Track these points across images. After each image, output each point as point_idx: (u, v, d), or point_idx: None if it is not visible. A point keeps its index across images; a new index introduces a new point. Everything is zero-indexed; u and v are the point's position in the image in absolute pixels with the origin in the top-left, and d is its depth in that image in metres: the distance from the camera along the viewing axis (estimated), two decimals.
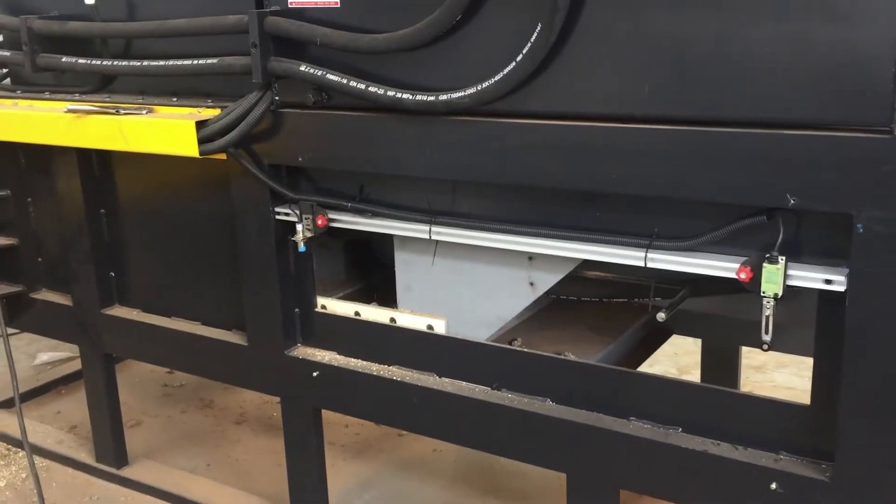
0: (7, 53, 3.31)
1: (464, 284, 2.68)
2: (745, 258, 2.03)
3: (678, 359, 4.61)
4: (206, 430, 4.10)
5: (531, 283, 2.62)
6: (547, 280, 2.59)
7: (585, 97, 2.12)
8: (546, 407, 2.45)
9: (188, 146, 2.71)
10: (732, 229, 2.04)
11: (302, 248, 2.73)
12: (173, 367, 3.40)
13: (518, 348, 2.62)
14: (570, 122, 2.14)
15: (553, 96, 2.16)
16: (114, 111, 2.88)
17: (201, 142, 2.69)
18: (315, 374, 2.84)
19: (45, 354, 5.11)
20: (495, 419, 2.51)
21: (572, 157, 2.14)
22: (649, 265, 2.15)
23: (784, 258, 1.97)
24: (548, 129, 2.16)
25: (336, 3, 2.44)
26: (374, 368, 2.76)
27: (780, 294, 1.98)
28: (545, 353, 2.54)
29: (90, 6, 3.08)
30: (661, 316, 2.58)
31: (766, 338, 2.04)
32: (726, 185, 1.96)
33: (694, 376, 4.30)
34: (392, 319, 2.75)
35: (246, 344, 3.01)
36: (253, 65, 2.53)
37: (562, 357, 2.52)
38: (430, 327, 2.70)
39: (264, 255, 2.83)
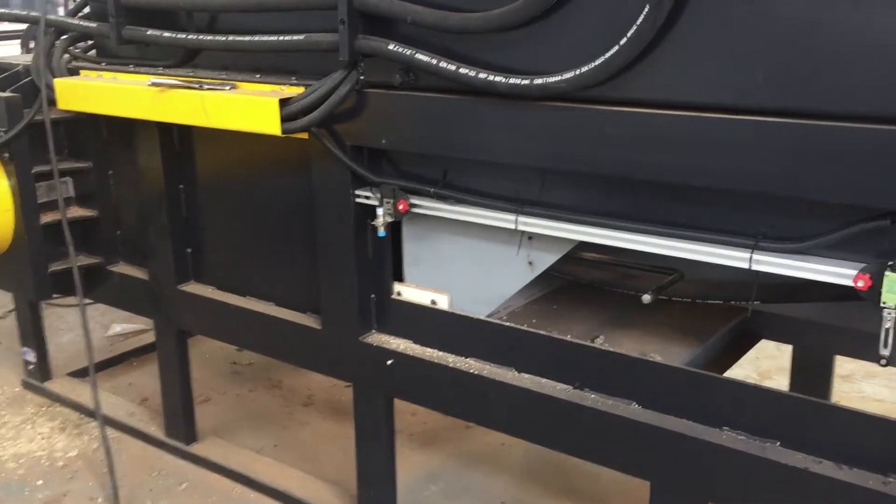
0: (93, 25, 3.31)
1: (466, 261, 2.69)
2: (864, 265, 1.87)
3: (759, 363, 4.42)
4: (274, 411, 4.08)
5: (530, 263, 2.59)
6: (545, 259, 2.57)
7: (691, 85, 1.98)
8: (632, 410, 2.33)
9: (271, 124, 2.65)
10: (850, 233, 1.89)
11: (382, 232, 2.66)
12: (245, 346, 3.38)
13: (603, 347, 2.50)
14: (675, 112, 2.00)
15: (656, 83, 2.03)
16: (197, 86, 2.84)
17: (284, 120, 2.63)
18: (389, 362, 2.77)
19: (118, 326, 5.18)
20: (576, 419, 2.40)
21: (675, 148, 2.01)
22: (755, 267, 2.01)
23: None
24: (649, 117, 2.03)
25: None
26: (451, 360, 2.67)
27: None
28: (632, 354, 2.42)
29: None
30: (646, 298, 2.55)
31: (885, 352, 1.88)
32: (847, 184, 1.80)
33: (776, 382, 4.12)
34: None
35: (320, 328, 2.95)
36: (340, 42, 2.45)
37: (649, 359, 2.39)
38: (433, 302, 2.73)
39: (343, 239, 2.76)
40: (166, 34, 3.02)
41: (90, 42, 3.62)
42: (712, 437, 2.19)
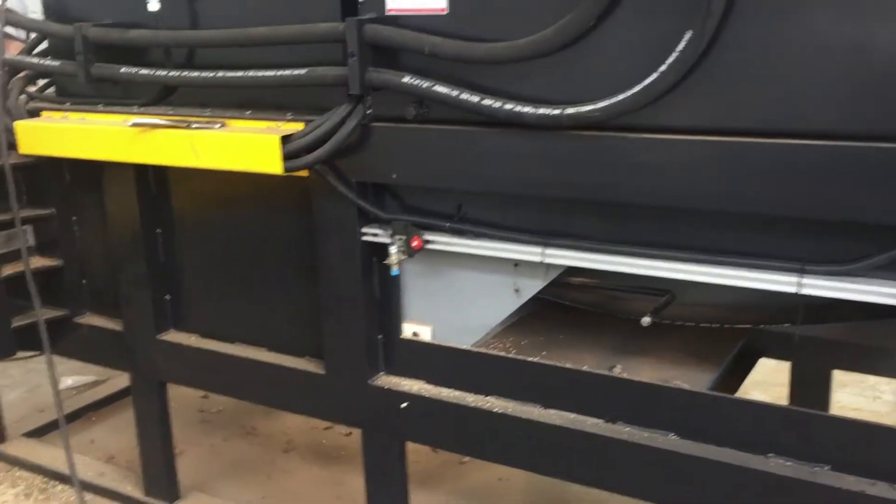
0: (56, 63, 3.11)
1: (451, 291, 2.63)
2: None
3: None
4: (254, 460, 3.89)
5: (516, 290, 2.54)
6: (532, 286, 2.53)
7: (734, 110, 1.96)
8: (671, 442, 2.28)
9: (271, 163, 2.53)
10: None
11: (395, 271, 2.56)
12: (237, 396, 3.19)
13: (628, 377, 2.45)
14: (716, 138, 1.98)
15: (695, 109, 2.00)
16: (184, 125, 2.70)
17: (286, 158, 2.51)
18: (404, 405, 2.65)
19: (69, 378, 4.87)
20: (612, 454, 2.34)
21: (718, 174, 1.98)
22: (804, 292, 1.99)
23: None
24: (690, 144, 2.00)
25: (442, 9, 2.27)
26: (470, 399, 2.58)
27: None
28: (662, 384, 2.38)
29: (151, 13, 2.89)
30: (645, 320, 2.53)
31: None
32: None
33: (755, 397, 4.15)
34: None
35: (323, 372, 2.82)
36: (350, 76, 2.36)
37: (682, 388, 2.36)
38: (415, 334, 2.69)
39: (349, 279, 2.65)
40: (143, 71, 2.86)
41: (45, 81, 3.42)
42: (759, 464, 2.16)
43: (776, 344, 3.00)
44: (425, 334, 2.69)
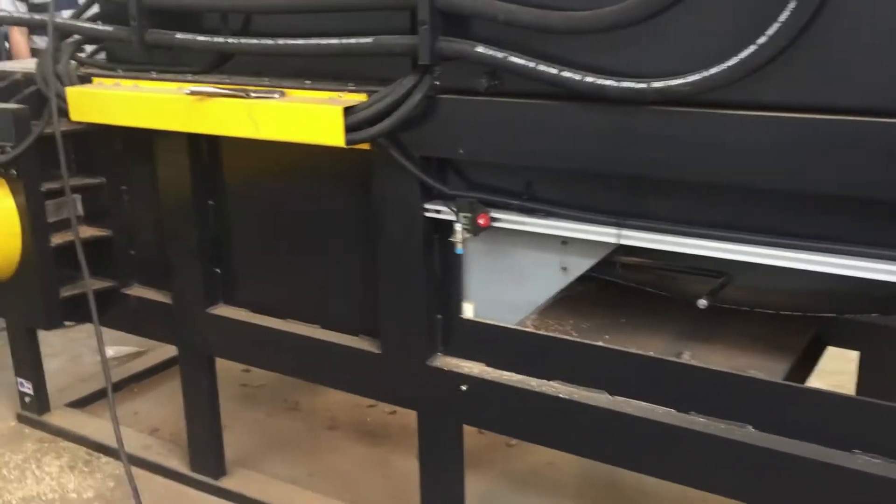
0: (109, 28, 3.04)
1: (494, 268, 2.55)
2: None
3: None
4: (299, 436, 3.84)
5: (563, 268, 2.46)
6: (580, 264, 2.44)
7: (839, 86, 1.84)
8: (749, 434, 2.18)
9: (333, 135, 2.44)
10: None
11: (460, 249, 2.46)
12: (289, 373, 3.13)
13: (704, 366, 2.35)
14: (819, 116, 1.86)
15: (793, 84, 1.88)
16: (243, 94, 2.61)
17: (348, 130, 2.42)
18: (464, 387, 2.57)
19: (110, 349, 4.83)
20: (686, 446, 2.25)
21: (819, 155, 1.86)
22: None
23: None
24: (787, 123, 1.88)
25: None
26: (534, 383, 2.49)
27: None
28: (740, 373, 2.28)
29: None
30: (702, 303, 2.41)
31: None
32: None
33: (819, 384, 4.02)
34: None
35: (379, 352, 2.74)
36: (420, 45, 2.25)
37: (762, 378, 2.25)
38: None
39: (410, 256, 2.56)
40: (200, 38, 2.77)
41: (94, 47, 3.35)
42: (844, 461, 2.05)
43: (844, 332, 2.89)
44: (468, 311, 2.61)
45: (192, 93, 2.67)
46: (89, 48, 3.35)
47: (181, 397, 3.40)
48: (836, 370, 3.32)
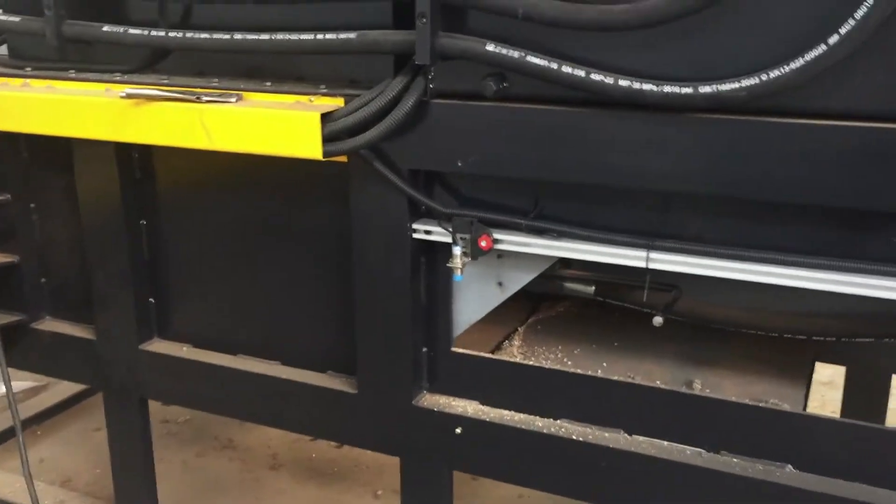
0: (14, 19, 2.57)
1: None
2: None
3: None
4: (237, 478, 3.45)
5: (499, 283, 2.27)
6: (517, 279, 2.25)
7: None
8: (791, 476, 1.97)
9: (307, 146, 2.10)
10: None
11: (459, 276, 2.16)
12: (244, 417, 2.73)
13: (724, 398, 2.13)
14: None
15: (865, 91, 1.67)
16: (193, 98, 2.22)
17: (325, 140, 2.08)
18: (458, 430, 2.28)
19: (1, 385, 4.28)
20: (720, 489, 2.02)
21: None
22: None
23: None
24: (858, 132, 1.68)
25: None
26: (540, 423, 2.22)
27: None
28: (765, 405, 2.09)
29: None
30: (657, 321, 2.27)
31: None
32: None
33: None
34: None
35: (354, 391, 2.41)
36: (418, 42, 1.94)
37: (791, 411, 2.07)
38: None
39: (394, 282, 2.24)
40: (134, 31, 2.36)
41: None
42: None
43: (829, 348, 2.75)
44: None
45: (129, 96, 2.26)
46: None
47: (93, 440, 2.95)
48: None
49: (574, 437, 2.16)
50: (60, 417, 3.93)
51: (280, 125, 2.12)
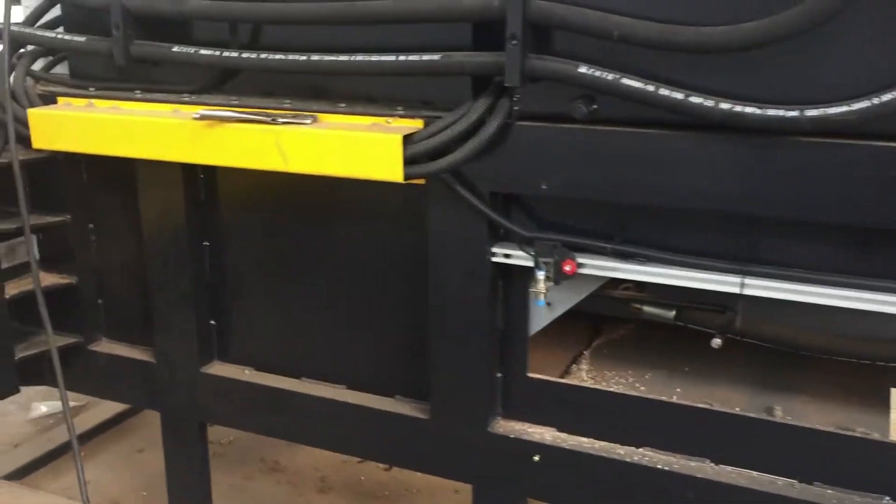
0: (80, 39, 2.55)
1: None
2: None
3: None
4: (286, 502, 3.40)
5: (548, 304, 2.21)
6: (566, 300, 2.21)
7: None
8: None
9: (388, 168, 2.06)
10: None
11: (541, 301, 2.12)
12: (307, 442, 2.68)
13: (815, 427, 2.08)
14: None
15: None
16: (269, 119, 2.19)
17: (407, 163, 2.05)
18: (536, 457, 2.23)
19: (42, 405, 4.26)
20: None
21: None
22: None
23: None
24: None
25: None
26: (621, 451, 2.18)
27: None
28: (855, 434, 2.03)
29: None
30: (716, 342, 2.26)
31: None
32: None
33: None
34: None
35: (427, 417, 2.36)
36: (508, 64, 1.90)
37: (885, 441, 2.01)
38: None
39: (472, 306, 2.20)
40: (204, 52, 2.33)
41: (49, 59, 2.84)
42: None
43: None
44: None
45: (203, 117, 2.23)
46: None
47: (138, 461, 2.91)
48: None
49: (659, 467, 2.11)
50: (104, 437, 3.90)
51: (360, 147, 2.08)
